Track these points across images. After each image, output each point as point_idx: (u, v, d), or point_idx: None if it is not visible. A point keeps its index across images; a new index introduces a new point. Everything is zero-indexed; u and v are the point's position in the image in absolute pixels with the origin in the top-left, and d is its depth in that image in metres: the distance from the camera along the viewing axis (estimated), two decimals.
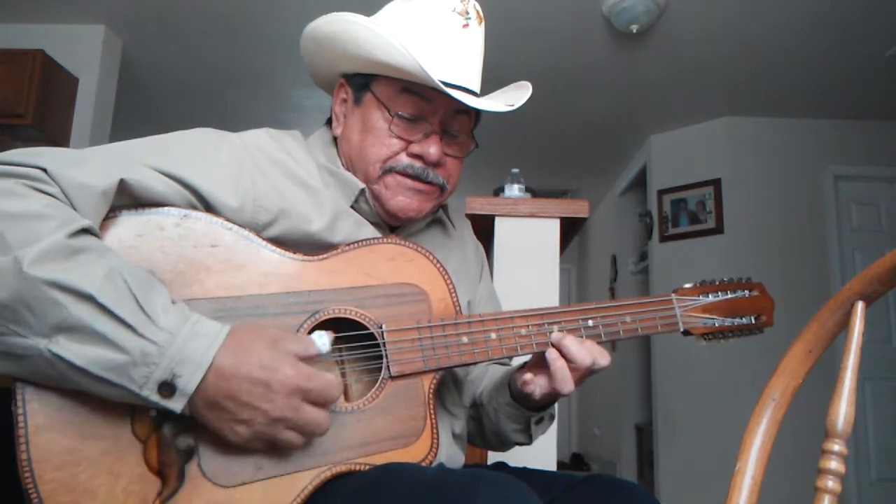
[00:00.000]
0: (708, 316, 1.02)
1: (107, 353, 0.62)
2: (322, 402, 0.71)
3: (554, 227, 1.91)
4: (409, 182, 0.93)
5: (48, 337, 0.62)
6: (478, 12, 0.95)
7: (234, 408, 0.67)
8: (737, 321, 1.04)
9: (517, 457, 1.19)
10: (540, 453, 1.54)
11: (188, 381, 0.64)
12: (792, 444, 2.69)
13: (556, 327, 0.91)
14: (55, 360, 0.62)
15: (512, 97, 1.01)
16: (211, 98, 4.46)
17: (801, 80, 3.92)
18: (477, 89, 0.96)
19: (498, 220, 1.91)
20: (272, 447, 0.71)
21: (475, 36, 0.94)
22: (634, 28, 3.24)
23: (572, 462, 6.50)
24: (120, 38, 3.75)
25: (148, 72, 4.09)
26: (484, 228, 1.92)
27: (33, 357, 0.62)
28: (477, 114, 0.98)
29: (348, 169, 0.96)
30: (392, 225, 0.98)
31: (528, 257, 1.90)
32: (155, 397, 0.64)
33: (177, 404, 0.65)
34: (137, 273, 0.68)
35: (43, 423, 0.65)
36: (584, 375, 0.90)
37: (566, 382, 0.88)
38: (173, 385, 0.64)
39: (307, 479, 0.74)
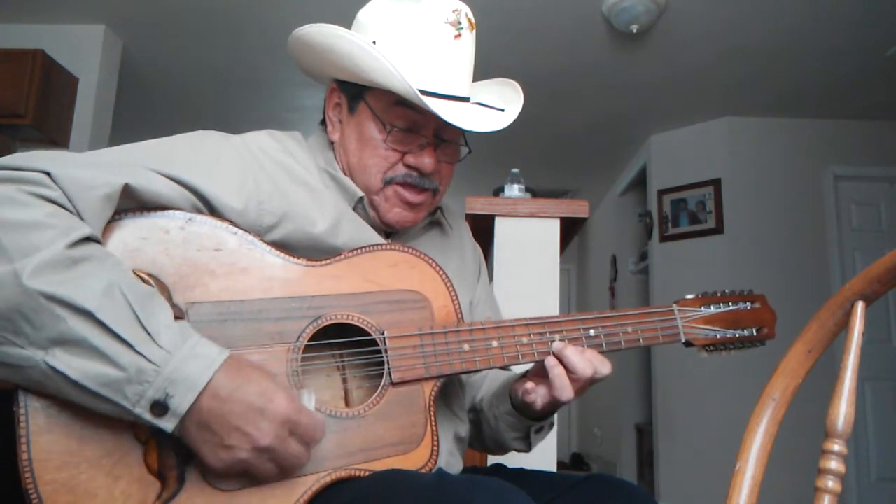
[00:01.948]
0: (709, 327, 1.02)
1: (102, 368, 0.62)
2: (307, 441, 0.71)
3: (554, 227, 1.91)
4: (406, 194, 0.94)
5: (45, 349, 0.62)
6: (469, 20, 0.95)
7: (222, 431, 0.66)
8: (738, 333, 1.04)
9: (517, 457, 1.19)
10: (539, 454, 1.53)
11: (181, 402, 0.64)
12: (792, 444, 2.70)
13: (557, 336, 0.91)
14: (51, 373, 0.62)
15: (498, 94, 1.01)
16: (211, 98, 4.46)
17: (801, 80, 3.92)
18: (468, 94, 0.96)
19: (498, 220, 1.91)
20: (247, 476, 0.70)
21: (467, 44, 0.95)
22: (634, 28, 3.24)
23: (572, 462, 6.50)
24: (120, 38, 3.75)
25: (148, 72, 4.09)
26: (484, 228, 1.92)
27: (29, 368, 0.62)
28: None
29: (346, 174, 0.96)
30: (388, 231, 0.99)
31: (528, 257, 1.90)
32: (147, 416, 0.63)
33: (168, 424, 0.64)
34: (139, 288, 0.67)
35: (44, 424, 0.65)
36: (586, 385, 0.90)
37: (565, 390, 0.88)
38: (165, 405, 0.63)
39: (307, 484, 0.74)
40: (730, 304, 1.05)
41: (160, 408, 0.63)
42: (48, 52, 3.38)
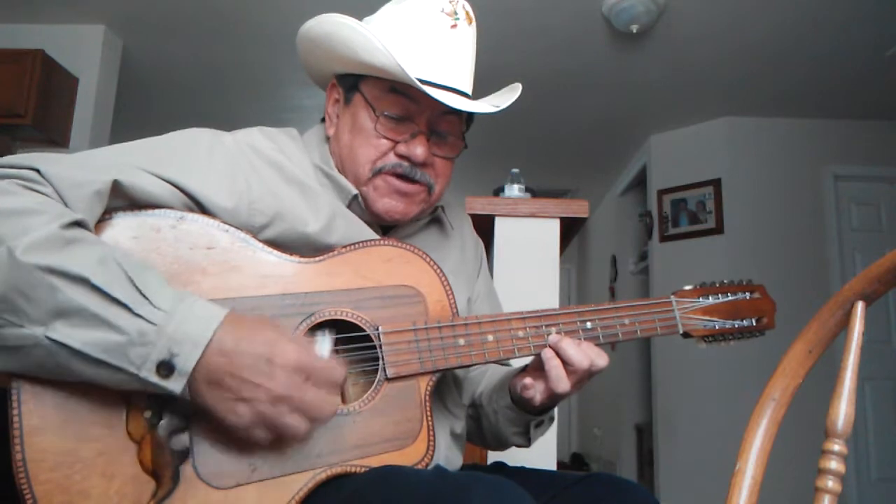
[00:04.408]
0: (708, 318, 1.01)
1: (104, 334, 0.62)
2: (326, 384, 0.70)
3: (554, 227, 1.91)
4: (396, 183, 0.92)
5: (45, 324, 0.62)
6: (467, 13, 0.94)
7: (235, 385, 0.65)
8: (737, 323, 1.02)
9: (517, 456, 1.19)
10: (540, 453, 1.53)
11: (186, 360, 0.64)
12: (792, 444, 2.69)
13: (553, 329, 0.90)
14: (53, 348, 0.62)
15: (504, 99, 1.01)
16: (211, 98, 4.46)
17: (801, 81, 3.92)
18: (468, 90, 0.95)
19: (498, 220, 1.91)
20: (274, 437, 0.69)
21: (464, 37, 0.94)
22: (634, 28, 3.24)
23: (572, 462, 6.50)
24: (120, 38, 3.75)
25: (148, 72, 4.09)
26: (484, 228, 1.91)
27: (31, 347, 0.62)
28: (469, 115, 0.98)
29: (340, 169, 0.95)
30: (385, 226, 0.98)
31: (528, 257, 1.89)
32: (154, 378, 0.63)
33: (176, 384, 0.64)
34: (132, 258, 0.68)
35: (38, 424, 0.64)
36: (583, 378, 0.90)
37: (561, 381, 0.87)
38: (171, 364, 0.63)
39: (303, 480, 0.73)
40: (729, 294, 1.03)
41: (166, 368, 0.63)
42: (48, 52, 3.39)
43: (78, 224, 0.67)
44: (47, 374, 0.64)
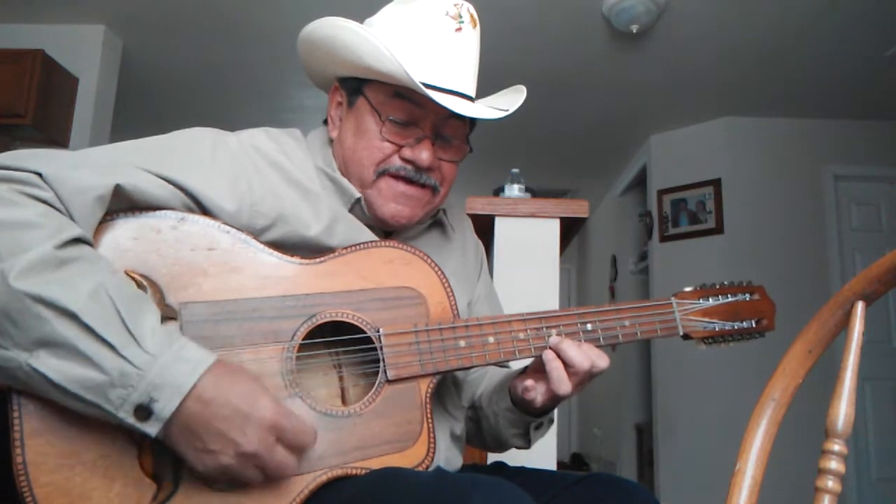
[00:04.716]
0: (708, 320, 1.01)
1: (86, 371, 0.62)
2: (295, 446, 0.70)
3: (554, 227, 1.91)
4: (401, 186, 0.92)
5: (29, 350, 0.61)
6: (472, 16, 0.94)
7: (206, 436, 0.65)
8: (737, 325, 1.03)
9: (517, 457, 1.19)
10: (540, 453, 1.53)
11: (164, 407, 0.63)
12: (792, 444, 2.69)
13: (554, 331, 0.90)
14: (33, 374, 0.61)
15: (506, 101, 1.00)
16: (211, 98, 4.45)
17: (800, 80, 3.92)
18: (472, 93, 0.95)
19: (498, 220, 1.90)
20: (234, 483, 0.69)
21: (469, 40, 0.94)
22: (634, 28, 3.24)
23: (572, 462, 6.50)
24: (120, 38, 3.75)
25: (148, 72, 4.09)
26: (484, 228, 1.91)
27: (13, 369, 0.62)
28: (473, 119, 0.98)
29: (343, 172, 0.95)
30: (387, 230, 0.98)
31: (528, 257, 1.89)
32: (130, 420, 0.62)
33: (152, 428, 0.63)
34: (127, 291, 0.67)
35: (38, 427, 0.64)
36: (584, 379, 0.90)
37: (562, 383, 0.87)
38: (149, 409, 0.63)
39: (303, 482, 0.73)
40: (728, 295, 1.04)
41: (144, 412, 0.63)
42: (48, 52, 3.38)
43: (76, 241, 0.67)
44: (27, 391, 0.64)
